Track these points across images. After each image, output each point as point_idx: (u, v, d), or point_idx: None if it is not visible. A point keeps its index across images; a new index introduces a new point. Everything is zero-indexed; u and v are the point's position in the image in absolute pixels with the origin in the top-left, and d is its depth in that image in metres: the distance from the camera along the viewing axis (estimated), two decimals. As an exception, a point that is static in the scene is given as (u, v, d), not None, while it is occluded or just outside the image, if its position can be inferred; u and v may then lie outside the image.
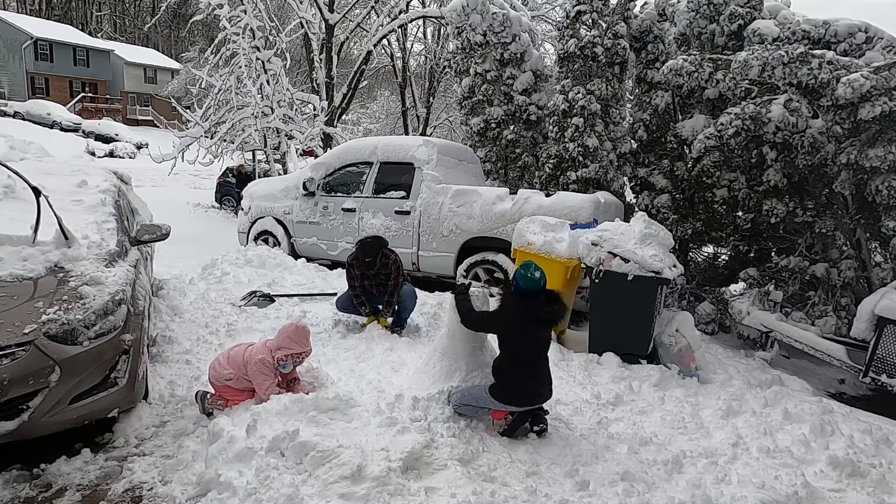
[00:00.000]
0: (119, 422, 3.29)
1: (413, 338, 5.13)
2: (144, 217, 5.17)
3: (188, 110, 14.08)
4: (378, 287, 5.17)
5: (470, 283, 3.80)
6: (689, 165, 7.36)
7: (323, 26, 17.64)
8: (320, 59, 17.87)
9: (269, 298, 5.86)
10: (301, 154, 15.59)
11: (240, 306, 5.68)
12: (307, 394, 3.53)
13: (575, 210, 5.94)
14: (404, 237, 6.88)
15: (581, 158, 7.51)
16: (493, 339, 3.69)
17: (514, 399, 3.40)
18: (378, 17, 19.35)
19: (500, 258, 6.27)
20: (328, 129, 14.48)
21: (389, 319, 5.19)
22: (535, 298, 3.38)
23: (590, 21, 7.55)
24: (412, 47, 26.12)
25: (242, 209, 8.36)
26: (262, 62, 13.00)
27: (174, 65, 43.94)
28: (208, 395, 3.54)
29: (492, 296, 4.98)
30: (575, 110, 7.49)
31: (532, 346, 3.42)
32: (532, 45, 8.68)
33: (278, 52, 13.54)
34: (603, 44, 7.47)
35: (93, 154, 24.94)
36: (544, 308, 3.38)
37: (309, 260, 7.36)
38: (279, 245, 7.80)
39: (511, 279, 3.57)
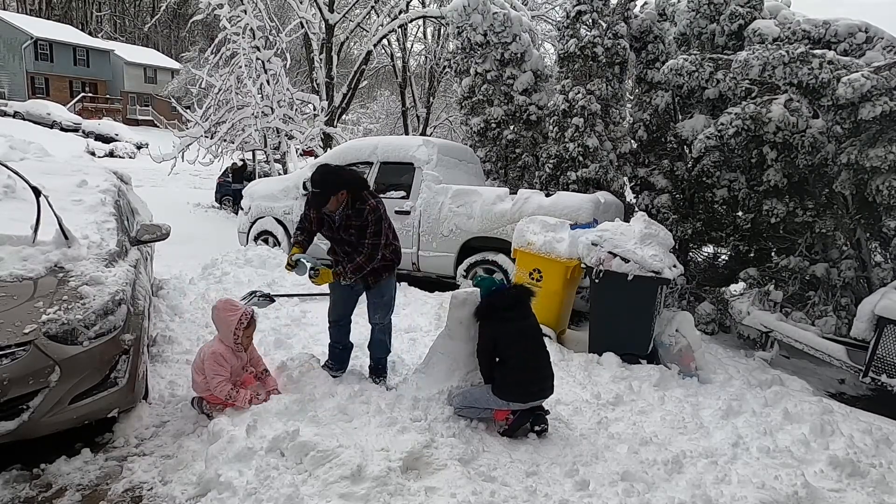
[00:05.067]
0: (119, 422, 3.29)
1: (413, 338, 5.13)
2: (144, 217, 5.16)
3: (188, 110, 14.10)
4: (343, 248, 3.77)
5: None
6: (689, 165, 7.36)
7: (323, 26, 17.64)
8: (320, 59, 17.88)
9: (269, 298, 5.86)
10: (301, 154, 15.61)
11: (240, 306, 5.67)
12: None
13: (575, 210, 5.94)
14: (404, 237, 6.85)
15: (581, 158, 7.51)
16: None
17: (515, 393, 3.41)
18: (378, 17, 19.36)
19: (500, 258, 6.27)
20: (328, 129, 14.49)
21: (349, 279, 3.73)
22: (497, 294, 3.57)
23: (590, 21, 7.55)
24: (412, 47, 26.17)
25: (242, 209, 8.36)
26: (262, 62, 13.00)
27: (174, 65, 43.93)
28: (204, 401, 3.53)
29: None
30: (575, 110, 7.49)
31: (515, 332, 3.46)
32: (532, 44, 8.68)
33: (278, 52, 13.55)
34: (603, 44, 7.47)
35: (93, 154, 24.94)
36: (506, 292, 3.59)
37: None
38: (279, 245, 7.80)
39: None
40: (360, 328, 4.52)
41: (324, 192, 3.57)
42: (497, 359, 3.51)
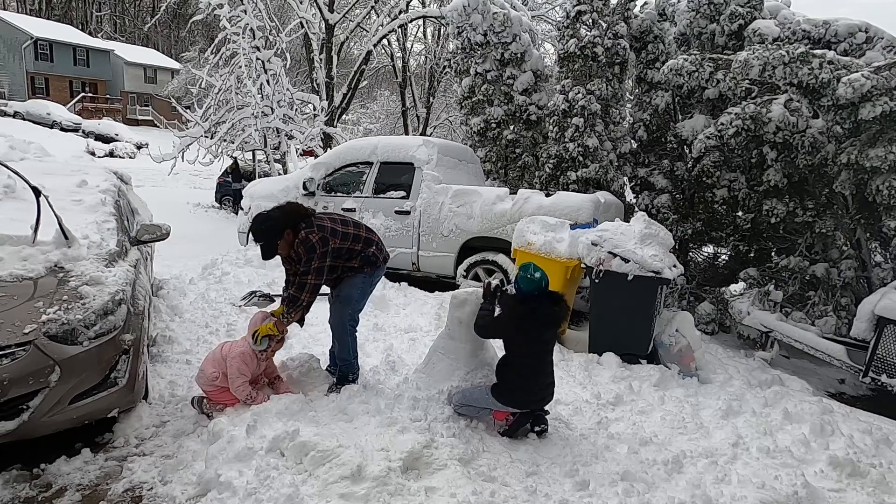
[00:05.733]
0: (119, 422, 3.29)
1: (413, 338, 5.13)
2: (144, 217, 5.16)
3: (188, 110, 14.10)
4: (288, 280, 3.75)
5: (499, 284, 3.52)
6: (689, 165, 7.36)
7: (323, 26, 17.65)
8: (320, 59, 17.88)
9: (269, 298, 5.85)
10: (301, 154, 15.62)
11: (240, 306, 5.68)
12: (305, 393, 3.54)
13: (575, 210, 5.94)
14: (404, 237, 6.88)
15: (581, 158, 7.51)
16: (494, 340, 3.69)
17: (516, 400, 3.39)
18: (378, 17, 19.37)
19: (500, 258, 6.27)
20: (328, 129, 14.49)
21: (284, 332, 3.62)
22: (537, 300, 3.33)
23: (590, 21, 7.56)
24: (412, 47, 26.18)
25: (242, 209, 8.36)
26: (262, 62, 13.00)
27: (174, 65, 43.93)
28: (204, 401, 3.54)
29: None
30: (575, 110, 7.49)
31: (536, 347, 3.40)
32: (532, 44, 8.68)
33: (278, 52, 13.55)
34: (603, 44, 7.47)
35: (93, 154, 24.96)
36: (548, 309, 3.33)
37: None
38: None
39: (513, 282, 3.50)
40: (361, 329, 4.52)
41: (269, 243, 3.48)
42: (503, 356, 3.48)
